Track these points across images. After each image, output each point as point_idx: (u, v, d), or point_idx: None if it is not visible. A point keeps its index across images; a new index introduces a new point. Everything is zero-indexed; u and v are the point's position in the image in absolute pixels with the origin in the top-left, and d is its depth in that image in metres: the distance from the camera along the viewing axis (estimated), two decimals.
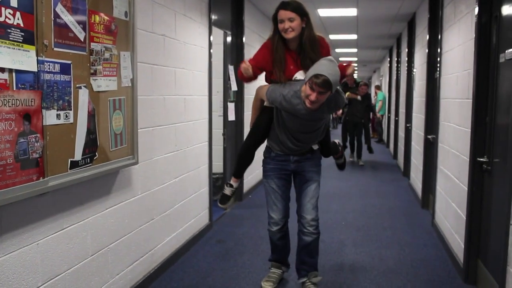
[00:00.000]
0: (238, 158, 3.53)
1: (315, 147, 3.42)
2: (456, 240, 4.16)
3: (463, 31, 4.09)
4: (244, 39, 6.42)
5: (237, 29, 6.32)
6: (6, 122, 1.99)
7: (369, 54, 15.18)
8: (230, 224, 5.49)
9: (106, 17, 2.74)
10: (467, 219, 3.77)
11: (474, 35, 3.64)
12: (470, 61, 3.76)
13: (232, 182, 3.57)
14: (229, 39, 6.20)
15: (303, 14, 3.08)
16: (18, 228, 2.23)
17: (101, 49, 2.69)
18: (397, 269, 4.09)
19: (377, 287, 3.71)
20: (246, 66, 3.11)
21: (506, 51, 3.08)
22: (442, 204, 4.87)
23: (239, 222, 5.55)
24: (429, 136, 5.90)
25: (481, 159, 3.54)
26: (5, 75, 1.99)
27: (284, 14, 3.05)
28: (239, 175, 3.56)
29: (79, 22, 2.48)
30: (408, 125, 8.31)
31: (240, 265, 4.17)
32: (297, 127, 3.23)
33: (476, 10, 3.60)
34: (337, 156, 3.86)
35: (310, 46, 3.10)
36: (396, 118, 10.78)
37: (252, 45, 6.86)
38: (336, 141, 3.79)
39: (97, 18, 2.65)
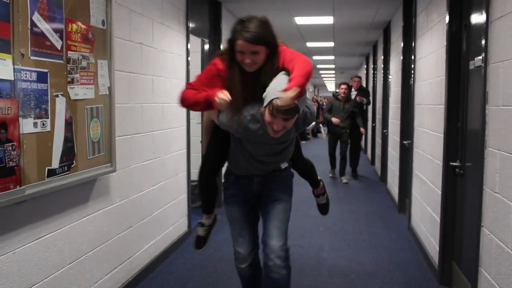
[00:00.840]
0: (200, 193, 2.96)
1: (284, 165, 2.83)
2: (432, 243, 4.24)
3: (435, 39, 4.20)
4: (221, 46, 6.46)
5: (214, 37, 6.36)
6: None
7: (346, 61, 15.37)
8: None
9: (83, 26, 2.76)
10: (441, 222, 3.86)
11: (446, 43, 3.74)
12: (442, 68, 3.86)
13: (203, 220, 3.06)
14: (206, 46, 6.24)
15: (269, 41, 2.38)
16: None
17: (78, 58, 2.71)
18: (373, 272, 4.15)
19: None
20: (224, 99, 2.39)
21: (475, 59, 3.17)
22: (418, 208, 4.96)
23: (219, 228, 5.55)
24: (405, 142, 6.00)
25: (454, 164, 3.63)
26: None
27: (245, 46, 2.32)
28: (209, 210, 3.04)
29: (56, 31, 2.49)
30: (384, 131, 8.43)
31: (219, 271, 4.19)
32: (259, 152, 2.62)
33: (447, 18, 3.70)
34: (317, 192, 3.29)
35: (272, 73, 2.38)
36: (373, 124, 10.92)
37: None
38: (319, 177, 3.24)
39: (74, 27, 2.67)
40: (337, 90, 9.20)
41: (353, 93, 9.59)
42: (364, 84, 12.04)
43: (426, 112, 4.55)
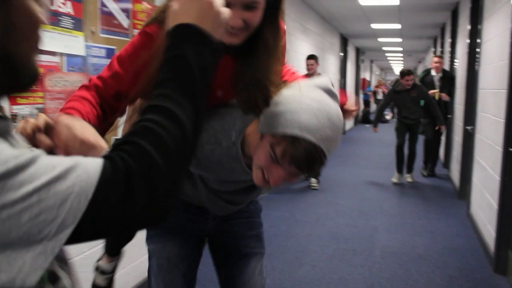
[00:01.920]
0: None
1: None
2: (488, 230, 4.18)
3: (501, 21, 4.07)
4: (285, 27, 6.51)
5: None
6: (57, 101, 2.20)
7: (413, 44, 14.97)
8: (266, 206, 5.64)
9: (148, 5, 2.92)
10: (499, 209, 3.79)
11: (510, 25, 3.64)
12: (506, 52, 3.75)
13: (104, 264, 1.98)
14: None
15: None
16: None
17: None
18: (427, 256, 4.15)
19: (405, 271, 3.79)
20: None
21: None
22: (477, 195, 4.87)
23: (274, 206, 5.70)
24: (468, 127, 5.87)
25: None
26: (57, 59, 2.19)
27: None
28: (117, 249, 1.97)
29: (123, 10, 2.66)
30: (449, 116, 8.23)
31: (275, 245, 4.32)
32: (228, 189, 1.55)
33: None
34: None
35: (268, 49, 1.32)
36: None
37: (293, 33, 6.95)
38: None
39: (140, 7, 2.83)
40: (397, 78, 7.15)
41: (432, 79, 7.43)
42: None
43: (489, 97, 4.44)
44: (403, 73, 6.71)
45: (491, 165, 4.23)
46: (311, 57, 6.31)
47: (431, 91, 7.06)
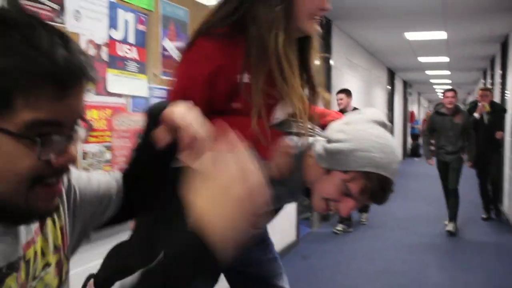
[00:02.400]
0: None
1: None
2: None
3: None
4: (332, 62, 6.64)
5: (325, 52, 6.56)
6: (123, 140, 2.37)
7: (462, 76, 14.79)
8: (315, 241, 5.67)
9: None
10: None
11: None
12: None
13: None
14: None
15: None
16: None
17: None
18: None
19: None
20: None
21: None
22: None
23: (323, 240, 5.72)
24: None
25: None
26: (123, 100, 2.38)
27: None
28: None
29: None
30: (500, 149, 8.05)
31: (322, 280, 4.34)
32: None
33: None
34: None
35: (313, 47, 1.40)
36: None
37: (340, 68, 7.08)
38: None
39: None
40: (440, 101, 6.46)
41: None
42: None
43: None
44: (445, 91, 6.13)
45: None
46: (341, 91, 5.86)
47: (481, 104, 6.54)
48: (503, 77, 8.21)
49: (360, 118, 1.32)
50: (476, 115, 6.49)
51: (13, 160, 0.66)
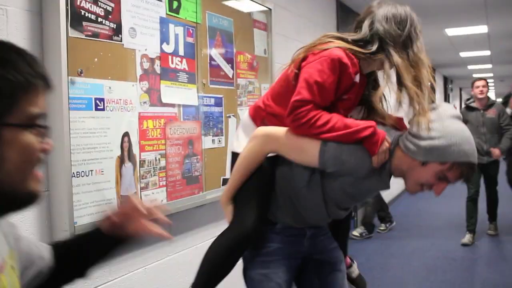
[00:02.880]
0: (210, 266, 1.76)
1: None
2: None
3: None
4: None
5: None
6: (176, 147, 2.50)
7: (505, 69, 14.43)
8: (361, 241, 5.70)
9: (249, 56, 3.21)
10: None
11: None
12: None
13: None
14: None
15: None
16: (182, 232, 2.73)
17: (246, 83, 3.16)
18: None
19: None
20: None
21: None
22: None
23: (369, 239, 5.74)
24: None
25: None
26: (175, 109, 2.51)
27: None
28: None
29: (228, 62, 2.97)
30: None
31: (370, 278, 4.37)
32: (339, 201, 1.71)
33: None
34: (346, 262, 2.05)
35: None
36: None
37: None
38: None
39: (242, 57, 3.13)
40: (471, 94, 5.67)
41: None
42: None
43: None
44: (474, 81, 5.48)
45: None
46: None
47: None
48: None
49: (443, 114, 1.57)
50: (508, 110, 5.74)
51: (28, 149, 0.82)
